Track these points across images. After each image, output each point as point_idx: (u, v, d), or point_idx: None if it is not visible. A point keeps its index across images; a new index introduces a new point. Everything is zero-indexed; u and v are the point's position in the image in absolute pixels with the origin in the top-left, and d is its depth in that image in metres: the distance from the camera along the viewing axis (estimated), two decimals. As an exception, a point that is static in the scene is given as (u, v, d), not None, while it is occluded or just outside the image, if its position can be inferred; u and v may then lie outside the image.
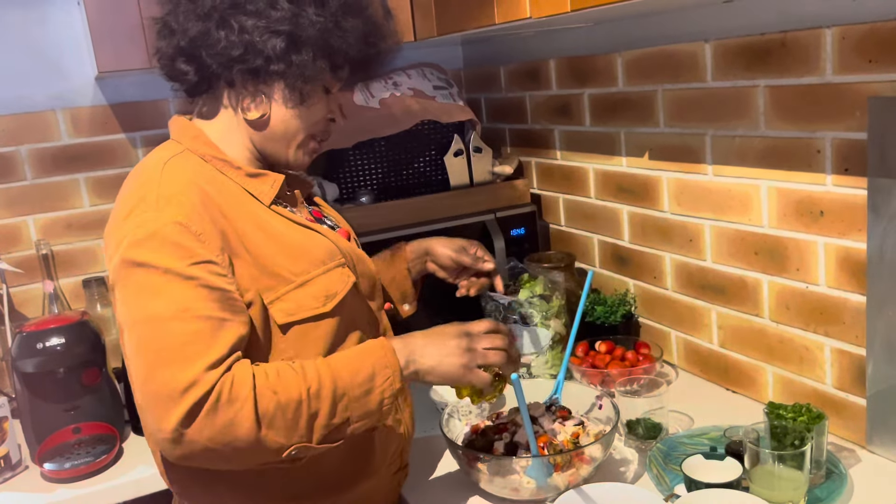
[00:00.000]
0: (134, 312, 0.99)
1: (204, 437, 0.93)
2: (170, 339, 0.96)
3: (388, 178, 2.01)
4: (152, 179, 1.07)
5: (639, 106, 1.67)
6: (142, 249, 0.99)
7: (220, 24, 1.07)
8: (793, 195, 1.36)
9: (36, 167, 1.92)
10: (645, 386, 1.43)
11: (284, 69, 1.08)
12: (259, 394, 0.96)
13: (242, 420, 0.95)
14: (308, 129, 1.16)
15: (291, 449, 0.99)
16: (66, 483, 1.48)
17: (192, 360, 0.95)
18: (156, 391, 0.94)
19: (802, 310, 1.38)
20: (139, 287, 0.99)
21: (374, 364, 1.05)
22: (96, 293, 1.88)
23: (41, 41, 1.89)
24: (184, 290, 0.98)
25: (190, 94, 1.17)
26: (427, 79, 2.09)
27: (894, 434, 1.25)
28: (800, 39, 1.28)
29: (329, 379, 1.01)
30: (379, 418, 1.06)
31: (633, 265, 1.80)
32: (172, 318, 0.97)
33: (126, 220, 1.03)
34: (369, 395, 1.04)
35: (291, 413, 0.98)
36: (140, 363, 0.96)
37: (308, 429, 0.99)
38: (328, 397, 1.00)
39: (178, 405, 0.92)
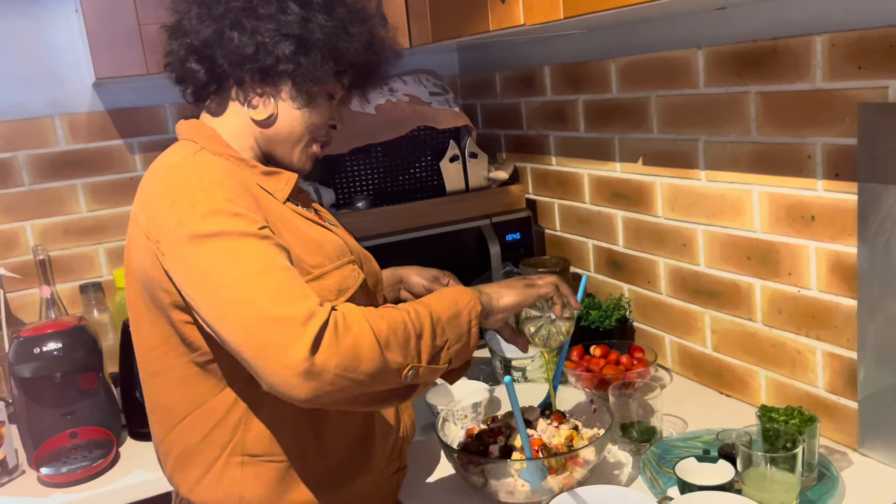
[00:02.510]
0: (221, 277, 0.99)
1: (333, 363, 0.94)
2: (268, 285, 0.97)
3: (384, 183, 2.02)
4: (187, 169, 1.08)
5: (632, 112, 1.68)
6: (206, 223, 1.00)
7: (234, 25, 1.11)
8: (784, 200, 1.37)
9: (33, 173, 1.93)
10: (639, 389, 1.44)
11: (293, 69, 1.11)
12: (370, 320, 0.99)
13: (363, 342, 0.97)
14: (312, 132, 1.18)
15: (408, 369, 1.02)
16: (63, 488, 1.48)
17: (300, 298, 0.96)
18: (274, 331, 0.94)
19: (794, 314, 1.39)
20: (218, 254, 0.99)
21: (454, 294, 1.12)
22: (93, 298, 1.89)
23: (39, 47, 1.90)
24: (265, 247, 1.01)
25: (197, 96, 1.19)
26: (423, 85, 2.11)
27: (886, 437, 1.26)
28: (791, 46, 1.30)
29: (422, 306, 1.07)
30: (469, 342, 1.10)
31: (628, 270, 1.81)
32: (264, 270, 0.98)
33: (173, 205, 1.03)
34: (459, 318, 1.09)
35: (402, 334, 1.01)
36: (246, 314, 0.96)
37: (417, 349, 1.03)
38: (426, 319, 1.05)
39: (302, 336, 0.93)
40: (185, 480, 1.15)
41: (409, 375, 1.02)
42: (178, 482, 1.17)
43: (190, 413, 1.12)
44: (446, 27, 1.61)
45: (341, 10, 1.14)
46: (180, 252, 1.01)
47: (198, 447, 1.13)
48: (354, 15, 1.16)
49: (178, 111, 2.04)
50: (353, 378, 0.96)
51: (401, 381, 1.02)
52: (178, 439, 1.14)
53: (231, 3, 1.11)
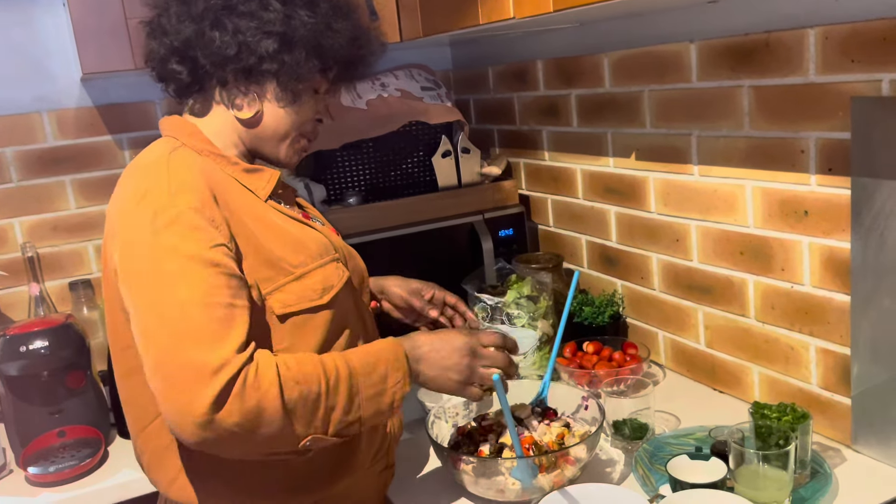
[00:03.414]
0: (155, 295, 0.98)
1: (231, 421, 0.93)
2: (196, 321, 0.95)
3: (375, 179, 2.00)
4: (160, 168, 1.07)
5: (625, 106, 1.67)
6: (162, 235, 0.99)
7: (214, 24, 1.09)
8: (777, 195, 1.36)
9: (21, 169, 1.91)
10: (632, 386, 1.43)
11: (277, 69, 1.10)
12: (283, 382, 0.97)
13: (268, 406, 0.95)
14: (297, 128, 1.17)
15: (307, 439, 0.99)
16: (51, 487, 1.47)
17: (221, 343, 0.95)
18: (184, 372, 0.93)
19: (787, 309, 1.38)
20: (161, 271, 0.98)
21: (388, 366, 1.07)
22: (83, 296, 1.88)
23: (26, 43, 1.88)
24: (207, 276, 0.98)
25: (179, 95, 1.18)
26: (415, 80, 2.09)
27: (879, 433, 1.25)
28: (783, 40, 1.28)
29: (346, 375, 1.03)
30: (388, 417, 1.08)
31: (621, 266, 1.80)
32: (198, 302, 0.96)
33: (139, 204, 1.02)
34: (382, 396, 1.06)
35: (311, 404, 0.98)
36: (164, 343, 0.95)
37: (325, 421, 1.00)
38: (345, 393, 1.02)
39: (209, 386, 0.91)
40: (161, 479, 1.15)
41: (308, 444, 1.00)
42: (155, 479, 1.16)
43: (160, 414, 1.10)
44: (437, 21, 1.59)
45: (325, 5, 1.12)
46: (131, 255, 1.01)
47: (169, 447, 1.11)
48: (338, 10, 1.14)
49: (168, 106, 2.02)
50: (248, 438, 0.95)
51: (300, 450, 1.01)
52: (150, 438, 1.13)
53: (211, 1, 1.09)
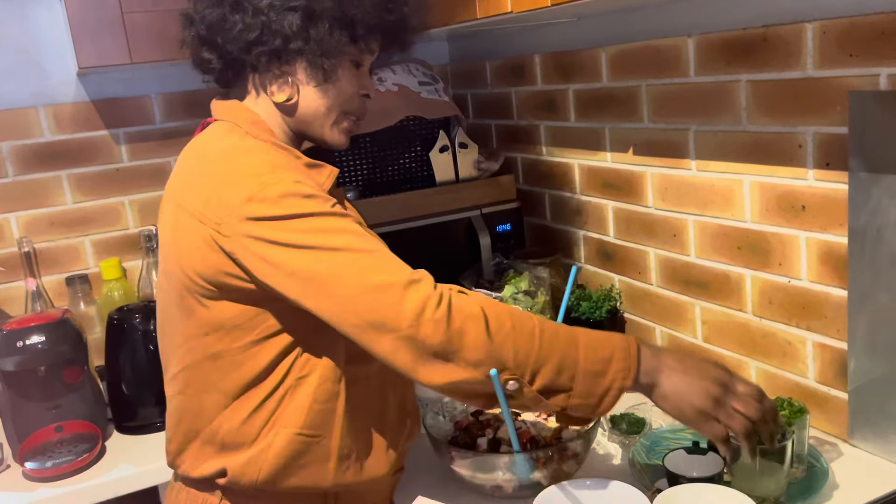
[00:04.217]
0: (311, 253, 0.97)
1: (437, 340, 0.92)
2: (364, 256, 0.96)
3: (372, 174, 2.00)
4: (246, 152, 1.06)
5: (623, 101, 1.67)
6: (281, 205, 0.98)
7: (234, 7, 1.07)
8: (775, 190, 1.36)
9: (18, 164, 1.91)
10: (629, 381, 1.43)
11: (303, 46, 1.07)
12: (492, 311, 0.95)
13: (473, 330, 0.94)
14: (339, 106, 1.14)
15: (513, 379, 0.95)
16: (49, 482, 1.47)
17: (401, 267, 0.96)
18: (381, 299, 0.94)
19: (785, 304, 1.38)
20: (301, 232, 0.97)
21: (614, 351, 0.98)
22: (79, 291, 1.87)
23: (22, 37, 1.87)
24: (347, 222, 0.99)
25: (219, 83, 1.16)
26: (412, 74, 2.08)
27: (876, 428, 1.25)
28: (781, 34, 1.28)
29: (567, 335, 0.98)
30: (597, 408, 0.98)
31: (618, 261, 1.80)
32: (352, 242, 0.97)
33: (238, 187, 1.00)
34: (600, 378, 0.97)
35: (523, 345, 0.95)
36: (347, 286, 0.95)
37: (534, 369, 0.95)
38: (560, 351, 0.96)
39: (405, 299, 0.93)
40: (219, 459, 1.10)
41: (511, 386, 0.96)
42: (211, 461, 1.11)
43: (246, 391, 1.08)
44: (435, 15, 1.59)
45: None
46: (254, 232, 0.98)
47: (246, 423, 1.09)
48: None
49: (164, 101, 2.01)
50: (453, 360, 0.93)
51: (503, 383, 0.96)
52: (227, 419, 1.10)
53: None
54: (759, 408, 1.01)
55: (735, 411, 0.99)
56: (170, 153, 2.04)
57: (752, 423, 1.00)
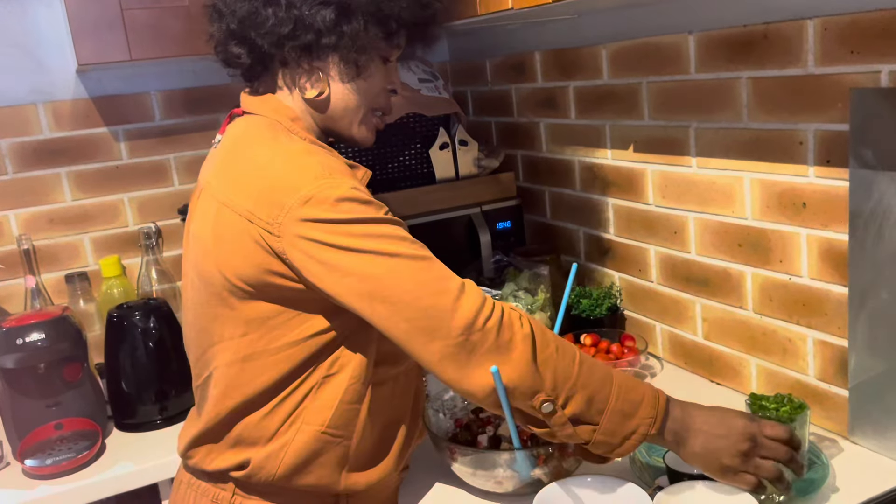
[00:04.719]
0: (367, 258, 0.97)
1: (483, 349, 0.95)
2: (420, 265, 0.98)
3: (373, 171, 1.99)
4: (298, 153, 1.04)
5: (623, 98, 1.66)
6: (340, 209, 0.97)
7: (267, 1, 1.06)
8: (776, 187, 1.36)
9: (17, 161, 1.90)
10: (629, 378, 1.43)
11: (336, 41, 1.06)
12: (540, 333, 0.98)
13: (520, 346, 0.96)
14: (369, 102, 1.14)
15: (547, 401, 0.97)
16: (48, 479, 1.47)
17: (452, 276, 0.98)
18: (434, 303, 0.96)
19: (785, 301, 1.38)
20: (359, 237, 0.97)
21: (645, 398, 1.01)
22: (79, 288, 1.87)
23: (21, 34, 1.87)
24: (401, 229, 1.00)
25: (247, 79, 1.15)
26: (412, 71, 2.08)
27: (876, 425, 1.26)
28: (782, 31, 1.28)
29: (604, 371, 1.01)
30: (617, 447, 1.01)
31: (619, 258, 1.80)
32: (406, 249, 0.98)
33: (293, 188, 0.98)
34: (628, 420, 1.00)
35: (562, 371, 0.98)
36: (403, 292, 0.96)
37: (569, 395, 0.98)
38: (596, 384, 0.99)
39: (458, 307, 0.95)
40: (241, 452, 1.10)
41: (545, 407, 0.98)
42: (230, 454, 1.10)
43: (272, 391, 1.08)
44: (435, 12, 1.58)
45: None
46: (310, 234, 0.97)
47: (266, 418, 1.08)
48: None
49: (164, 98, 2.01)
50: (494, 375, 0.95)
51: (535, 408, 0.98)
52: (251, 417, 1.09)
53: None
54: (788, 451, 1.04)
55: (764, 458, 1.03)
56: (169, 150, 2.04)
57: (784, 463, 1.04)
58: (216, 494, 1.12)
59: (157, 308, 1.65)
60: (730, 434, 1.02)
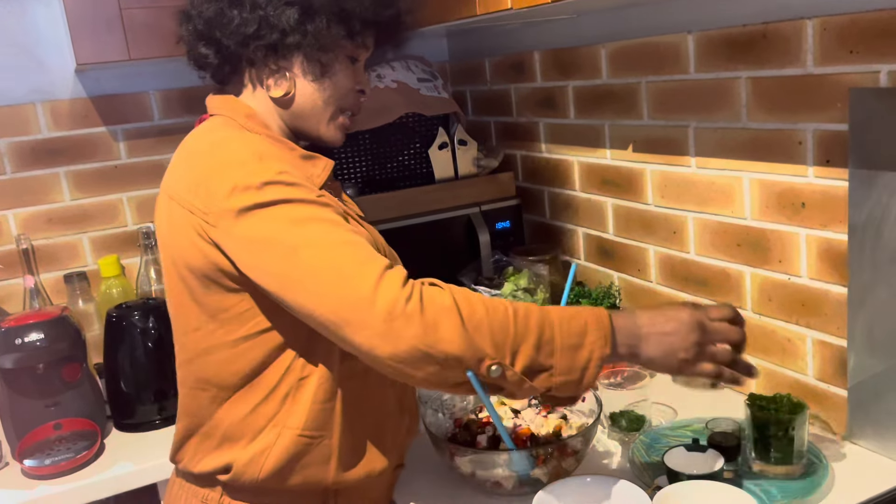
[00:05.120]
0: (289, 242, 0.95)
1: (411, 333, 0.90)
2: (341, 246, 0.95)
3: (372, 170, 2.00)
4: (235, 142, 1.06)
5: (623, 98, 1.66)
6: (264, 193, 0.97)
7: (232, 2, 1.08)
8: (775, 187, 1.36)
9: (15, 161, 1.90)
10: (628, 378, 1.43)
11: (300, 40, 1.08)
12: (463, 299, 0.93)
13: (447, 320, 0.91)
14: (335, 102, 1.15)
15: (494, 363, 0.92)
16: (47, 479, 1.47)
17: (373, 255, 0.94)
18: (353, 293, 0.91)
19: (784, 301, 1.38)
20: (283, 220, 0.96)
21: (589, 322, 0.97)
22: (78, 288, 1.87)
23: (19, 33, 1.87)
24: (329, 213, 0.98)
25: (216, 79, 1.17)
26: (411, 71, 2.08)
27: (875, 425, 1.26)
28: (781, 31, 1.28)
29: (537, 312, 0.96)
30: (581, 382, 0.97)
31: (618, 258, 1.80)
32: (331, 232, 0.96)
33: (224, 176, 0.99)
34: (578, 351, 0.96)
35: (498, 328, 0.93)
36: (322, 276, 0.93)
37: (513, 350, 0.93)
38: (535, 329, 0.94)
39: (377, 294, 0.90)
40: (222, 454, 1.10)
41: (493, 371, 0.93)
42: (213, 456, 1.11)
43: (242, 387, 1.09)
44: (433, 11, 1.58)
45: None
46: (237, 222, 0.98)
47: (246, 419, 1.09)
48: None
49: (163, 98, 2.01)
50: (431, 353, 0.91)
51: (483, 374, 0.93)
52: (227, 414, 1.10)
53: None
54: (738, 330, 1.04)
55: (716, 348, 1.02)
56: (168, 150, 2.04)
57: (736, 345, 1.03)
58: (205, 495, 1.14)
59: (156, 308, 1.65)
60: (679, 328, 1.00)
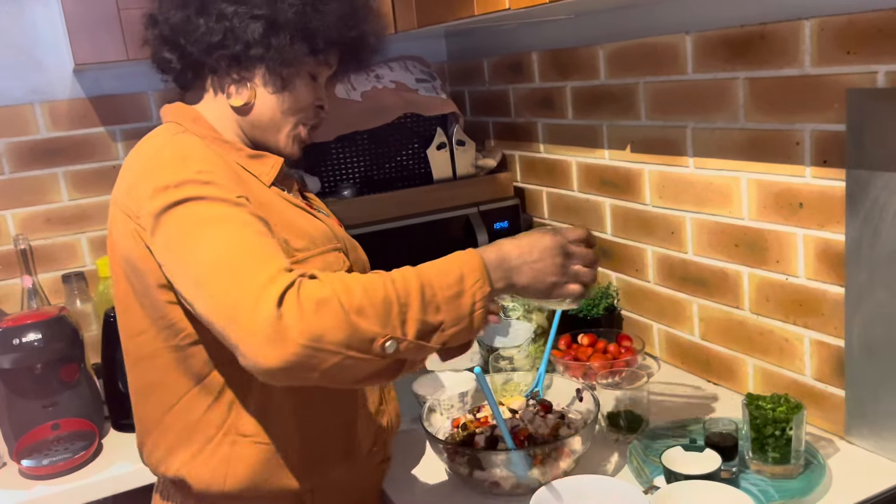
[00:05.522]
0: (192, 242, 0.95)
1: (296, 332, 0.87)
2: (238, 248, 0.93)
3: (370, 171, 2.00)
4: (165, 146, 1.06)
5: (621, 98, 1.67)
6: (179, 191, 0.97)
7: (200, 11, 1.10)
8: (772, 187, 1.36)
9: (14, 161, 1.90)
10: (626, 378, 1.43)
11: (263, 53, 1.10)
12: (342, 285, 0.91)
13: (329, 310, 0.89)
14: (294, 114, 1.16)
15: (386, 339, 0.91)
16: (45, 480, 1.47)
17: (265, 264, 0.91)
18: (240, 294, 0.89)
19: (782, 302, 1.39)
20: (189, 219, 0.96)
21: (462, 267, 0.99)
22: (76, 288, 1.87)
23: (18, 33, 1.87)
24: (238, 212, 0.97)
25: (178, 84, 1.18)
26: (410, 71, 2.08)
27: (872, 425, 1.26)
28: (779, 31, 1.28)
29: (415, 275, 0.96)
30: (471, 327, 0.98)
31: (616, 258, 1.80)
32: (233, 232, 0.95)
33: (145, 178, 1.01)
34: (461, 298, 0.97)
35: (380, 302, 0.92)
36: (215, 279, 0.92)
37: (401, 320, 0.93)
38: (416, 292, 0.95)
39: (262, 303, 0.87)
40: (175, 460, 1.12)
41: (388, 347, 0.92)
42: (168, 462, 1.13)
43: (185, 394, 1.10)
44: (432, 12, 1.58)
45: None
46: (157, 224, 0.98)
47: (195, 426, 1.10)
48: None
49: (161, 98, 2.01)
50: (320, 346, 0.88)
51: (380, 354, 0.92)
52: (175, 420, 1.11)
53: None
54: (593, 252, 1.10)
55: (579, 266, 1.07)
56: (166, 150, 2.04)
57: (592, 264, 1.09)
58: (183, 500, 1.15)
59: (154, 308, 1.65)
60: (543, 255, 1.04)
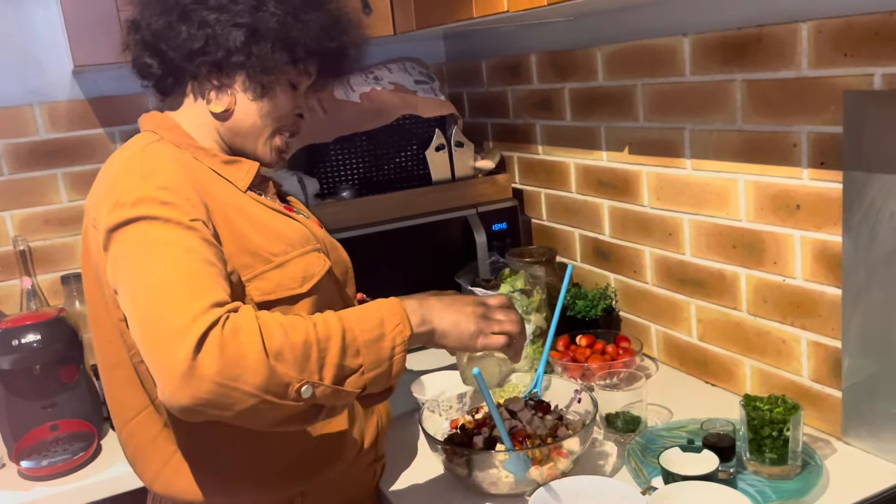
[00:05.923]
0: (135, 264, 0.95)
1: (213, 370, 0.86)
2: (175, 277, 0.92)
3: (369, 172, 2.00)
4: (134, 159, 1.06)
5: (619, 100, 1.67)
6: (135, 209, 0.97)
7: (182, 17, 1.10)
8: (770, 189, 1.36)
9: (13, 162, 1.90)
10: (624, 379, 1.43)
11: (244, 60, 1.11)
12: (264, 327, 0.91)
13: (250, 352, 0.88)
14: (273, 123, 1.17)
15: (302, 384, 0.91)
16: (44, 481, 1.47)
17: (197, 297, 0.91)
18: (163, 332, 0.89)
19: (779, 303, 1.39)
20: (136, 239, 0.96)
21: (383, 312, 1.01)
22: (75, 289, 1.87)
23: (17, 35, 1.87)
24: (186, 236, 0.96)
25: (158, 90, 1.19)
26: (408, 73, 2.09)
27: (869, 426, 1.26)
28: (776, 34, 1.29)
29: (336, 319, 0.98)
30: (391, 371, 1.00)
31: (614, 259, 1.80)
32: (174, 259, 0.94)
33: (110, 191, 1.01)
34: (381, 342, 0.99)
35: (300, 348, 0.92)
36: (146, 310, 0.91)
37: (319, 365, 0.93)
38: (337, 337, 0.95)
39: (185, 338, 0.87)
40: (144, 471, 1.16)
41: (304, 392, 0.92)
42: (140, 473, 1.18)
43: (143, 409, 1.11)
44: (430, 14, 1.59)
45: None
46: (111, 240, 0.98)
47: (154, 441, 1.12)
48: (308, 1, 1.13)
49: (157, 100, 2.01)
50: (236, 387, 0.88)
51: (296, 399, 0.92)
52: (134, 432, 1.13)
53: None
54: (516, 314, 1.13)
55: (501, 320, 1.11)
56: (165, 151, 2.04)
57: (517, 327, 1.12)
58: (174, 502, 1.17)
59: (152, 309, 1.65)
60: (465, 307, 1.09)
